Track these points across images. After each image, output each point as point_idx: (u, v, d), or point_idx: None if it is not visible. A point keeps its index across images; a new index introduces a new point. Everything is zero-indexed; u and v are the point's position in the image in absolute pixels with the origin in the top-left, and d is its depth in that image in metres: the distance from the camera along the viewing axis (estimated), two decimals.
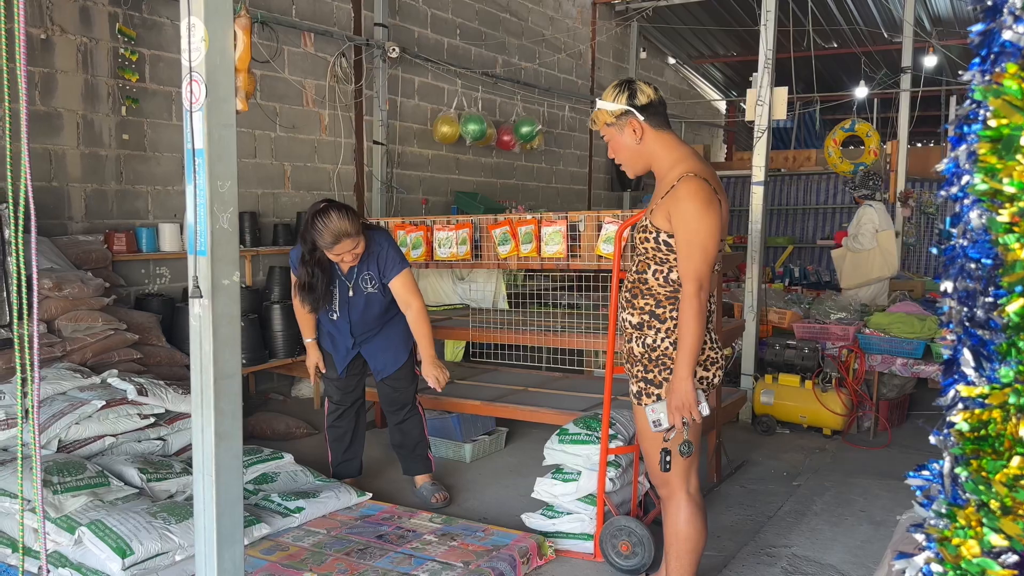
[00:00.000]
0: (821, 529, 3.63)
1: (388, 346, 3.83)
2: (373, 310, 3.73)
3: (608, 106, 2.54)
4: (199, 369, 1.95)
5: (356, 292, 3.69)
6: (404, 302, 3.66)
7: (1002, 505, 0.82)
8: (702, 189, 2.45)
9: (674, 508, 2.66)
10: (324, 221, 3.43)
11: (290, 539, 3.24)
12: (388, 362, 3.84)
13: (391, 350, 3.83)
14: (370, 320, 3.75)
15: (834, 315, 5.68)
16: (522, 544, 3.16)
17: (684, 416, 2.47)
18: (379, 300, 3.71)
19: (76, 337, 4.24)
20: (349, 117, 6.82)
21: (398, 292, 3.65)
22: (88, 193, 5.04)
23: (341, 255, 3.52)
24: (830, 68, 12.30)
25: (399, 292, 3.65)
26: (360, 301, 3.70)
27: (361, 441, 4.04)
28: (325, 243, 3.46)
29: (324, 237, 3.44)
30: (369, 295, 3.69)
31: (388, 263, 3.63)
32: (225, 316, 1.94)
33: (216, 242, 1.90)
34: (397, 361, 3.84)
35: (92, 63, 4.99)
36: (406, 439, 3.95)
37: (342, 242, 3.45)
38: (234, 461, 2.00)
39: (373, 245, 3.62)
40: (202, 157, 1.87)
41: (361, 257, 3.60)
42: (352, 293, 3.69)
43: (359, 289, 3.69)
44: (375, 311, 3.73)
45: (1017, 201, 0.82)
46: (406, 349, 3.85)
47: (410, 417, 3.92)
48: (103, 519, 2.86)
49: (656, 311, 2.56)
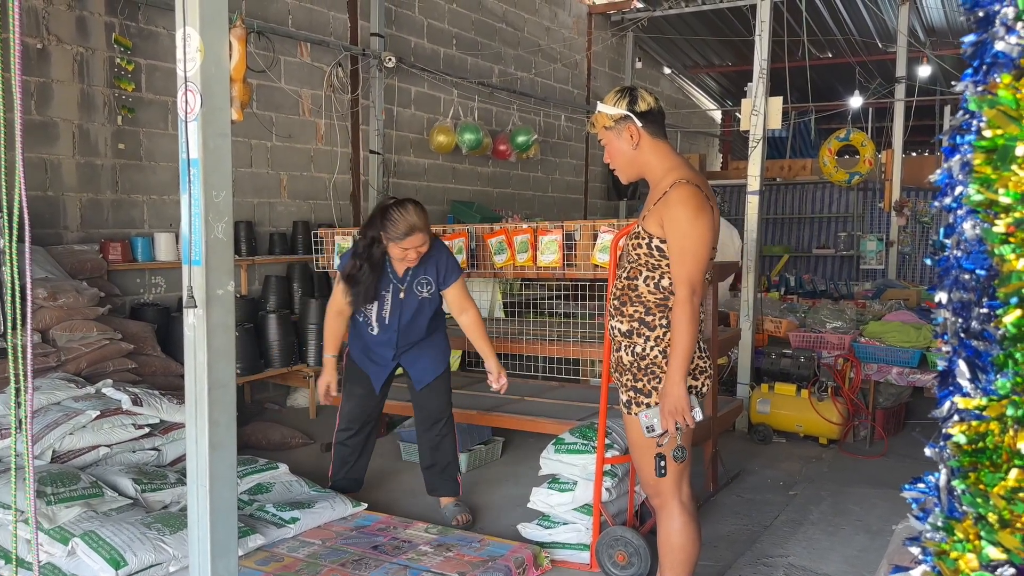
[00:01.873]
0: (818, 539, 3.62)
1: (430, 353, 3.81)
2: (424, 316, 3.71)
3: (608, 110, 2.55)
4: (193, 379, 1.95)
5: (408, 295, 3.64)
6: (460, 308, 3.70)
7: (1000, 518, 0.82)
8: (694, 195, 2.46)
9: (667, 517, 2.65)
10: (401, 212, 3.44)
11: (285, 550, 3.22)
12: (428, 369, 3.78)
13: (433, 357, 3.81)
14: (418, 327, 3.73)
15: (830, 324, 5.68)
16: (518, 555, 3.15)
17: (677, 421, 2.47)
18: (430, 306, 3.71)
19: (71, 347, 4.23)
20: (345, 127, 6.83)
21: (455, 298, 3.69)
22: (83, 202, 5.04)
23: (408, 251, 3.48)
24: (825, 78, 12.35)
25: (456, 298, 3.69)
26: (413, 304, 3.66)
27: (367, 459, 3.97)
28: (397, 233, 3.43)
29: (398, 227, 3.42)
30: (422, 300, 3.66)
31: (448, 269, 3.66)
32: (220, 326, 1.94)
33: (211, 251, 1.90)
34: (436, 369, 3.79)
35: (88, 73, 4.99)
36: (438, 458, 3.84)
37: (414, 235, 3.44)
38: (228, 471, 1.99)
39: (433, 250, 3.63)
40: (197, 167, 1.87)
41: (420, 260, 3.60)
42: (404, 296, 3.64)
43: (412, 293, 3.65)
44: (425, 317, 3.72)
45: (1013, 212, 0.82)
46: (445, 359, 3.84)
47: (447, 435, 3.83)
48: (96, 530, 2.84)
49: (646, 319, 2.56)
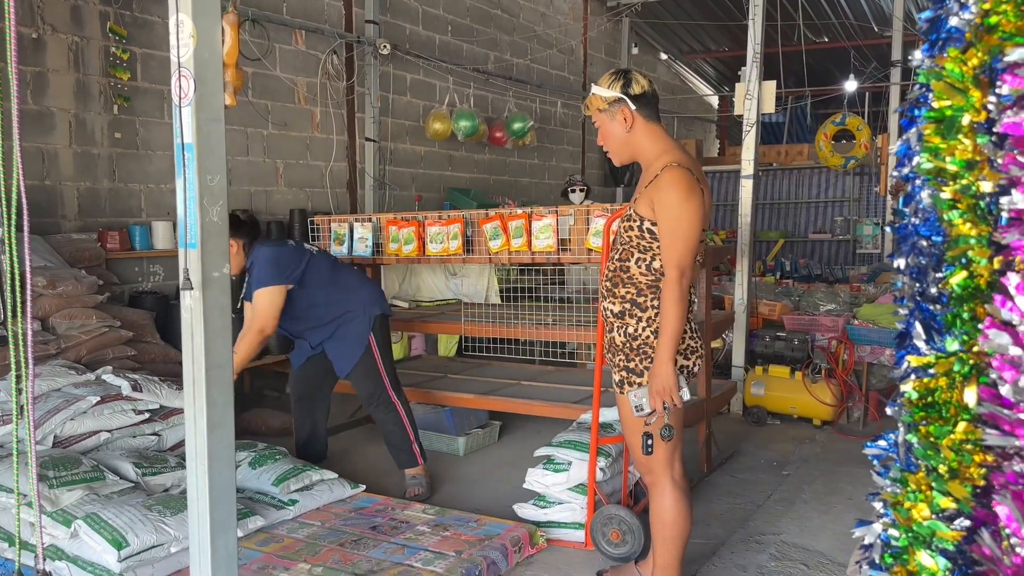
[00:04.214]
0: (810, 516, 3.68)
1: (343, 345, 3.93)
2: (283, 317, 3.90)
3: (602, 92, 2.59)
4: (191, 359, 1.99)
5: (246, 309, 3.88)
6: (248, 321, 3.81)
7: (949, 469, 0.86)
8: (684, 178, 2.49)
9: (659, 494, 2.70)
10: None
11: (284, 531, 3.27)
12: (344, 358, 3.94)
13: (344, 349, 3.93)
14: (295, 323, 3.92)
15: (824, 307, 5.72)
16: (514, 534, 3.20)
17: (665, 400, 2.51)
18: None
19: (70, 335, 4.27)
20: (341, 114, 6.84)
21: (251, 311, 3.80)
22: (81, 192, 5.06)
23: None
24: (821, 62, 12.34)
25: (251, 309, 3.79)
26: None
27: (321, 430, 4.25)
28: None
29: None
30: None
31: (256, 280, 3.73)
32: (216, 307, 1.98)
33: (206, 235, 1.94)
34: (351, 357, 3.91)
35: (84, 62, 5.01)
36: (387, 434, 4.01)
37: None
38: (226, 450, 2.03)
39: (255, 260, 3.76)
40: (191, 151, 1.91)
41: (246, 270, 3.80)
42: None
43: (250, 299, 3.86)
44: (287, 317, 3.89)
45: (959, 179, 0.86)
46: (359, 346, 3.90)
47: (387, 411, 3.95)
48: (99, 512, 2.89)
49: (637, 300, 2.60)
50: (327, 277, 3.89)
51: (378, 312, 3.95)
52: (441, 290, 5.82)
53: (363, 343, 3.89)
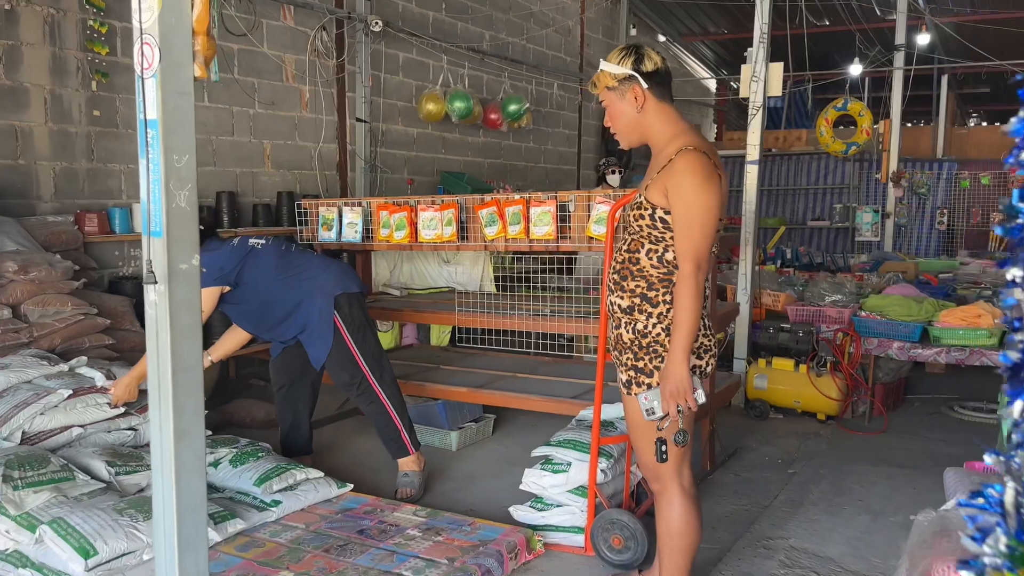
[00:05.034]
0: (819, 519, 3.51)
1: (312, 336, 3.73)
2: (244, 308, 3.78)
3: (612, 68, 2.38)
4: (156, 361, 1.79)
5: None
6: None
7: None
8: (701, 163, 2.30)
9: (667, 503, 2.53)
10: None
11: (267, 534, 3.09)
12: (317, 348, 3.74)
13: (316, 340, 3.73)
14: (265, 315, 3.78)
15: (829, 297, 5.55)
16: (510, 539, 3.03)
17: (679, 403, 2.33)
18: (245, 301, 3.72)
19: (43, 322, 4.06)
20: (331, 93, 6.61)
21: None
22: (57, 172, 4.83)
23: None
24: (822, 46, 12.11)
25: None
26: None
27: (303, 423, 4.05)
28: None
29: None
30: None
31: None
32: (184, 303, 1.77)
33: (173, 222, 1.73)
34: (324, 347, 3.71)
35: (60, 35, 4.76)
36: (374, 423, 3.84)
37: None
38: (196, 461, 1.84)
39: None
40: (155, 128, 1.70)
41: None
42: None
43: None
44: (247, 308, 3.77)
45: None
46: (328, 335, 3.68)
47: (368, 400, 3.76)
48: (66, 517, 2.70)
49: (648, 294, 2.41)
50: (270, 273, 3.68)
51: (339, 292, 3.69)
52: (434, 277, 5.62)
53: (329, 329, 3.67)
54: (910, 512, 3.58)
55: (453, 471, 4.10)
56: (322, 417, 4.79)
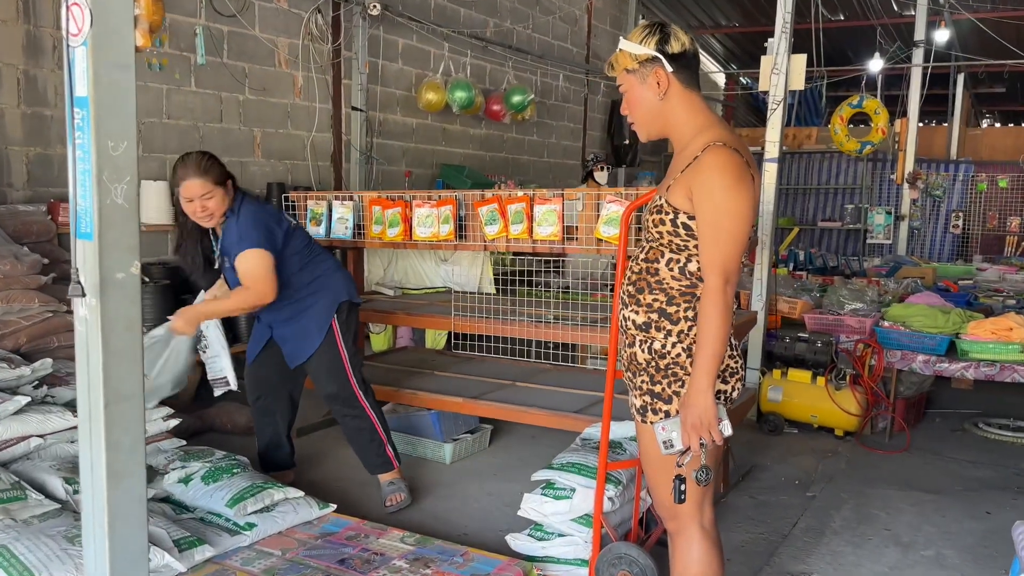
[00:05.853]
0: (843, 551, 3.22)
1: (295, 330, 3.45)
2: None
3: (633, 48, 2.06)
4: (86, 389, 1.49)
5: (227, 264, 3.30)
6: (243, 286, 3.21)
7: None
8: (732, 162, 1.99)
9: (684, 544, 2.23)
10: (182, 159, 3.20)
11: (238, 562, 2.79)
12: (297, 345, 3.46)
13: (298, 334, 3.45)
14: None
15: (849, 305, 5.25)
16: (506, 572, 2.73)
17: (703, 436, 2.03)
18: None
19: (8, 320, 3.78)
20: (325, 80, 6.30)
21: (239, 274, 3.20)
22: (30, 158, 4.54)
23: (191, 202, 3.17)
24: (836, 42, 11.80)
25: (240, 274, 3.19)
26: (231, 275, 3.29)
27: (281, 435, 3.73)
28: (175, 181, 3.19)
29: (176, 174, 3.19)
30: (231, 273, 3.28)
31: (240, 237, 3.17)
32: (120, 320, 1.47)
33: (106, 222, 1.43)
34: (306, 346, 3.43)
35: (34, 11, 4.47)
36: (352, 439, 3.58)
37: (188, 182, 3.13)
38: (136, 506, 1.54)
39: (241, 215, 3.22)
40: (86, 107, 1.40)
41: (223, 228, 3.27)
42: (226, 264, 3.32)
43: (225, 261, 3.31)
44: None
45: None
46: (318, 334, 3.41)
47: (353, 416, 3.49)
48: (9, 545, 2.40)
49: (667, 309, 2.11)
50: (295, 258, 3.38)
51: (345, 299, 3.46)
52: (431, 277, 5.33)
53: (322, 330, 3.40)
54: (942, 546, 3.32)
55: (446, 487, 3.81)
56: (306, 425, 4.50)
